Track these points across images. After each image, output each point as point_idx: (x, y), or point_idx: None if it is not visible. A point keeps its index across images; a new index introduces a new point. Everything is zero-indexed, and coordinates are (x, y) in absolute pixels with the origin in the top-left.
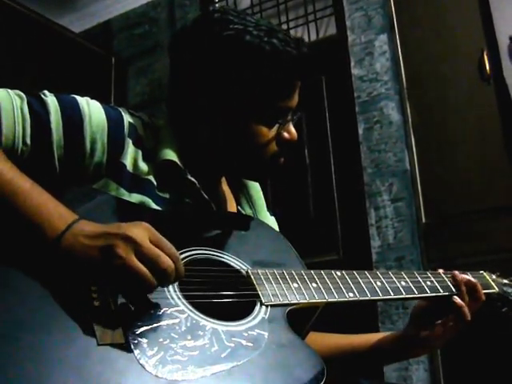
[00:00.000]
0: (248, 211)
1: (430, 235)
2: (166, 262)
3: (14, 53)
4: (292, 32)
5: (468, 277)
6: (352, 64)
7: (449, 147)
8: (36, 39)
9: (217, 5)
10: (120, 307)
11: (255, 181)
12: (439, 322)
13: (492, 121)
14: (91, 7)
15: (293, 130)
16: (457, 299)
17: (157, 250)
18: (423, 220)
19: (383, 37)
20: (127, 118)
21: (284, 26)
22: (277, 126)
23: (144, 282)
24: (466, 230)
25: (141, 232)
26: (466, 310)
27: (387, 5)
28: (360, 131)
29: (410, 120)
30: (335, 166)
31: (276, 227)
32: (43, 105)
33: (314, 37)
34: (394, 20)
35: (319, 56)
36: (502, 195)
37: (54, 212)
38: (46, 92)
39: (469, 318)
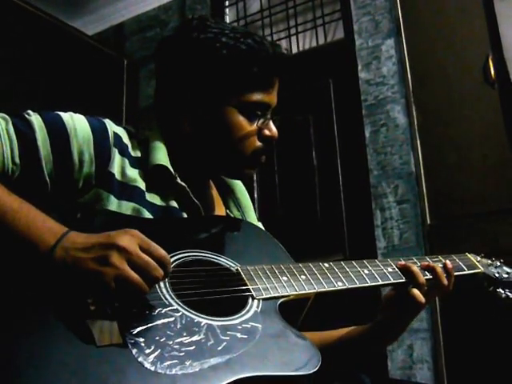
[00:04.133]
0: (236, 214)
1: (434, 236)
2: (156, 268)
3: (28, 54)
4: (300, 36)
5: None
6: (359, 68)
7: (454, 150)
8: (50, 41)
9: (227, 9)
10: (115, 310)
11: (236, 178)
12: (400, 309)
13: (497, 124)
14: (104, 10)
15: (273, 127)
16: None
17: (147, 258)
18: (428, 221)
19: (390, 41)
20: (112, 128)
21: (293, 31)
22: (257, 120)
23: (137, 289)
24: (470, 231)
25: (131, 240)
26: (420, 296)
27: (394, 10)
28: (366, 134)
29: (415, 123)
30: (342, 168)
31: None
32: (28, 124)
33: (322, 41)
34: (401, 25)
35: (293, 58)
36: (506, 197)
37: (43, 227)
38: (29, 111)
39: (423, 301)
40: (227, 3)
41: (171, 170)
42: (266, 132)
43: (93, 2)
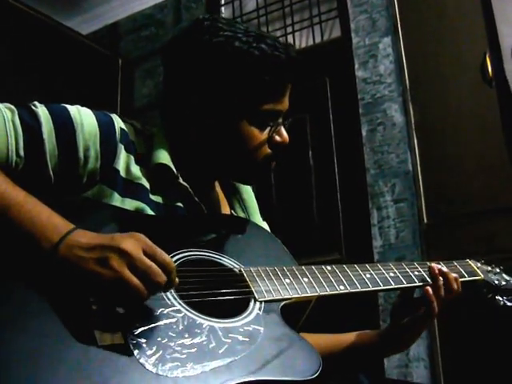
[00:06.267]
0: (241, 215)
1: (431, 235)
2: (158, 273)
3: (22, 54)
4: (297, 34)
5: (444, 269)
6: (356, 66)
7: (451, 149)
8: (43, 41)
9: (222, 8)
10: (117, 310)
11: (246, 184)
12: (409, 317)
13: (494, 123)
14: (98, 9)
15: (284, 133)
16: (429, 290)
17: (149, 262)
18: (425, 220)
19: (387, 39)
20: (119, 124)
21: (289, 29)
22: (268, 128)
23: (136, 294)
24: (467, 230)
25: (134, 244)
26: (435, 303)
27: (391, 8)
28: (363, 133)
29: (412, 122)
30: (339, 167)
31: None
32: (34, 116)
33: (318, 39)
34: (398, 23)
35: (305, 62)
36: (502, 196)
37: (48, 223)
38: (36, 103)
39: (436, 312)
40: (223, 1)
41: (173, 169)
42: (277, 138)
43: (87, 0)
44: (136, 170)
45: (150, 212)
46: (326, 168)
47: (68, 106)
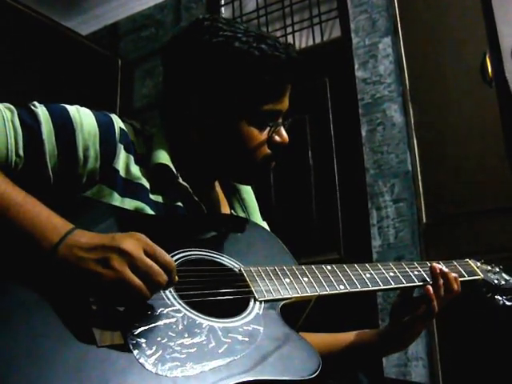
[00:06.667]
0: (241, 214)
1: (430, 235)
2: (159, 273)
3: (21, 54)
4: (297, 35)
5: (444, 269)
6: (356, 66)
7: (450, 149)
8: (43, 41)
9: (222, 8)
10: (117, 310)
11: (246, 184)
12: (409, 317)
13: (494, 123)
14: (98, 10)
15: (284, 133)
16: (430, 289)
17: (150, 262)
18: (424, 220)
19: (387, 40)
20: (118, 124)
21: (289, 29)
22: (268, 129)
23: (138, 294)
24: (466, 230)
25: (135, 244)
26: (435, 303)
27: (391, 8)
28: (363, 133)
29: (412, 122)
30: (338, 167)
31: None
32: (34, 116)
33: (318, 39)
34: (398, 23)
35: (305, 62)
36: (502, 196)
37: (48, 223)
38: (35, 103)
39: (436, 311)
40: (223, 2)
41: (173, 169)
42: (277, 139)
43: (87, 1)
44: (136, 169)
45: (150, 212)
46: (326, 168)
47: (67, 106)
